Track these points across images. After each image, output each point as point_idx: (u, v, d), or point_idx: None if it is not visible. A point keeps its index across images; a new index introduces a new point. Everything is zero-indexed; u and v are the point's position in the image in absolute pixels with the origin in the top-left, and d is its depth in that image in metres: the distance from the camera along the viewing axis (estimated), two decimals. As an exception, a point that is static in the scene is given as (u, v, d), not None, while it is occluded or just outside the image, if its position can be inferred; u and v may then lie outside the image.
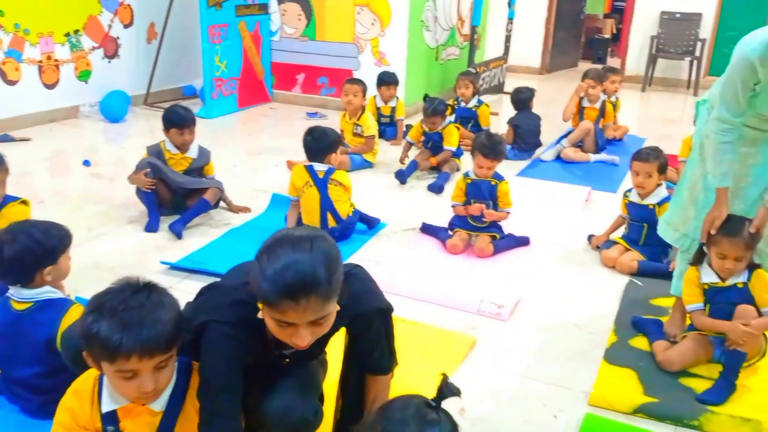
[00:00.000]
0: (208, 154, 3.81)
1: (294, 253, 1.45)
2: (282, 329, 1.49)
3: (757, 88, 2.23)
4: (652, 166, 3.31)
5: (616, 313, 2.87)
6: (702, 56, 8.78)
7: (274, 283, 1.42)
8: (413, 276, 3.15)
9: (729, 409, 2.19)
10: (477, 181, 3.49)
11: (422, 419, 1.34)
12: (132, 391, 1.49)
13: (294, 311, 1.44)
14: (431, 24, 6.67)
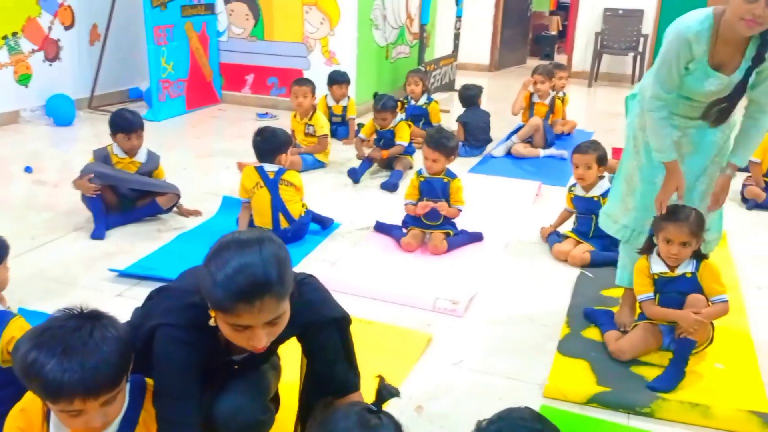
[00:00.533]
0: (157, 159, 3.73)
1: (243, 256, 1.43)
2: (238, 333, 1.47)
3: (690, 66, 2.31)
4: (591, 157, 3.38)
5: (568, 306, 2.91)
6: (645, 51, 9.01)
7: (226, 288, 1.40)
8: (368, 275, 3.15)
9: (679, 396, 2.25)
10: (430, 179, 3.50)
11: (365, 426, 1.34)
12: (79, 425, 1.42)
13: (249, 314, 1.42)
14: (380, 23, 6.67)
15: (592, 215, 3.42)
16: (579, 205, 3.49)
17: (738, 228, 3.92)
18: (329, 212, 3.76)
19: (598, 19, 9.27)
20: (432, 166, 3.47)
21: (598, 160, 3.38)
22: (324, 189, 4.38)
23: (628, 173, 2.65)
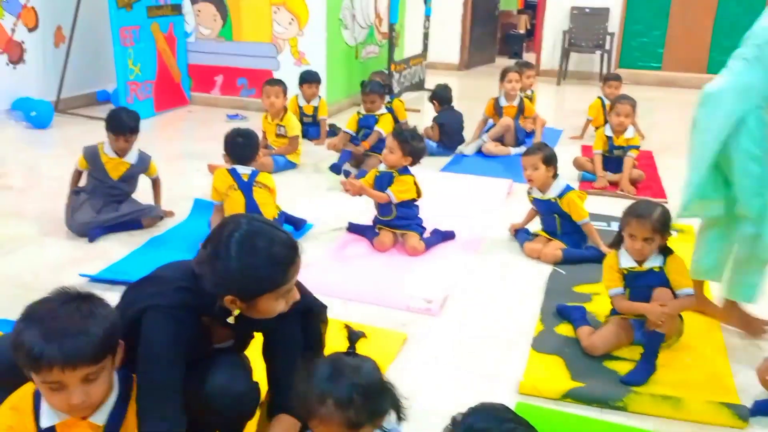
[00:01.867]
0: (147, 160, 3.70)
1: (264, 237, 1.62)
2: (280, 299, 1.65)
3: None
4: (536, 158, 3.40)
5: (541, 302, 2.95)
6: (612, 49, 9.14)
7: (275, 261, 1.60)
8: (342, 276, 3.15)
9: (650, 389, 2.29)
10: (383, 173, 3.50)
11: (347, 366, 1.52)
12: (61, 403, 1.44)
13: (295, 273, 1.66)
14: (349, 22, 6.66)
15: (554, 215, 3.46)
16: (539, 207, 3.53)
17: (704, 222, 3.99)
18: (302, 213, 3.75)
19: (566, 17, 9.37)
20: (387, 157, 3.46)
21: (544, 160, 3.40)
22: (296, 190, 4.36)
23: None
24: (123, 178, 3.61)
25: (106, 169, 3.57)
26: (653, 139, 5.96)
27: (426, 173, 4.72)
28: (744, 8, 8.99)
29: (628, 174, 4.52)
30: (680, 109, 7.74)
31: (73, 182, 3.64)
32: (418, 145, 3.44)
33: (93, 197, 3.55)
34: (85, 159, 3.60)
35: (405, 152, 3.42)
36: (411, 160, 3.45)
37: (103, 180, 3.57)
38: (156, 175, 3.77)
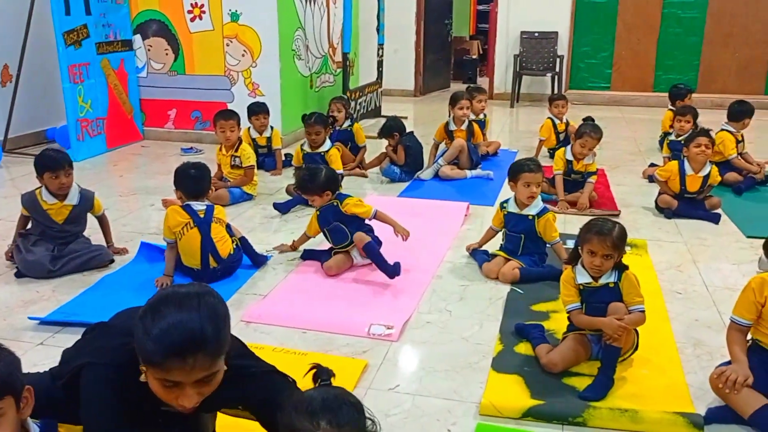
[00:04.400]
0: (91, 197, 3.59)
1: (180, 311, 1.41)
2: (167, 390, 1.43)
3: None
4: (542, 175, 3.50)
5: (500, 322, 2.96)
6: (562, 71, 9.37)
7: (159, 342, 1.38)
8: (300, 305, 3.12)
9: (609, 403, 2.31)
10: (326, 207, 3.53)
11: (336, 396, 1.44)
12: None
13: (181, 370, 1.39)
14: (303, 53, 6.70)
15: (521, 234, 3.49)
16: (511, 223, 3.53)
17: (657, 236, 4.08)
18: (259, 245, 3.72)
19: (516, 42, 9.59)
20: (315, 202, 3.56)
21: (544, 176, 3.48)
22: (253, 221, 4.33)
23: None
24: (68, 221, 3.49)
25: (49, 215, 3.44)
26: (605, 156, 6.08)
27: (385, 199, 4.77)
28: (684, 29, 9.35)
29: (587, 197, 4.57)
30: (629, 127, 7.97)
31: (20, 226, 3.54)
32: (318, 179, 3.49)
33: (43, 239, 3.46)
34: (25, 208, 3.48)
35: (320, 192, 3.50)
36: (330, 192, 3.52)
37: (49, 225, 3.46)
38: (101, 213, 3.66)
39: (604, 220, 2.56)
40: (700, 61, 9.39)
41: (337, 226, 3.49)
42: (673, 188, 4.46)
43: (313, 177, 3.50)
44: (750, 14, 9.11)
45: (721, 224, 4.31)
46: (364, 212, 3.52)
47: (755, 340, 2.33)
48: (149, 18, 6.46)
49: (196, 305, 1.42)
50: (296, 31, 6.54)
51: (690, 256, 3.77)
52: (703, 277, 3.47)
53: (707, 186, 4.45)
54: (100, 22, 6.08)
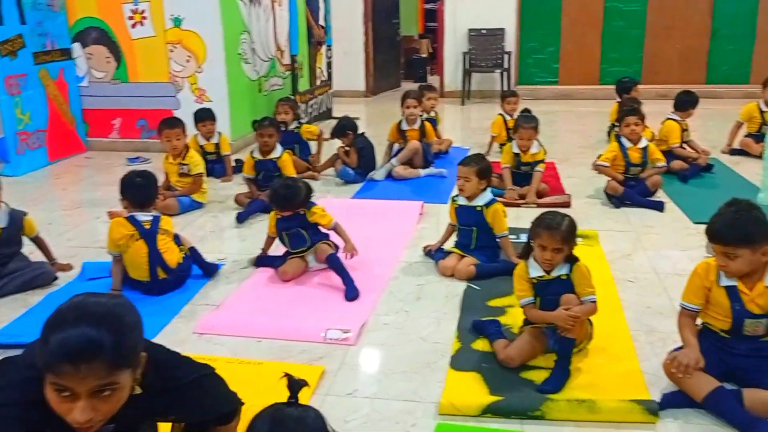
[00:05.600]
0: (20, 217, 3.40)
1: (81, 318, 1.36)
2: (61, 401, 1.34)
3: None
4: (471, 170, 3.44)
5: (457, 320, 2.95)
6: (510, 68, 9.46)
7: (55, 345, 1.32)
8: (255, 314, 3.05)
9: (566, 394, 2.31)
10: (287, 216, 3.45)
11: (291, 418, 1.45)
12: None
13: (73, 377, 1.32)
14: (249, 56, 6.61)
15: (473, 227, 3.49)
16: (461, 216, 3.54)
17: (608, 226, 4.14)
18: (211, 253, 3.64)
19: (464, 39, 9.65)
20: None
21: (478, 174, 3.44)
22: (204, 230, 4.24)
23: None
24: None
25: None
26: (555, 150, 6.16)
27: (339, 201, 4.73)
28: (626, 22, 9.54)
29: (536, 186, 4.63)
30: (578, 120, 8.09)
31: None
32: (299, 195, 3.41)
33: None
34: None
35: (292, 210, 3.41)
36: (304, 208, 3.44)
37: None
38: (36, 234, 3.48)
39: (553, 214, 2.57)
40: (643, 54, 9.60)
41: (297, 232, 3.44)
42: (619, 167, 4.61)
43: (294, 196, 3.38)
44: (689, 6, 9.35)
45: (668, 211, 4.40)
46: (326, 223, 3.47)
47: (705, 324, 2.37)
48: (88, 25, 6.28)
49: (101, 313, 1.38)
50: (242, 34, 6.45)
51: (640, 244, 3.83)
52: (653, 264, 3.53)
53: (650, 161, 4.62)
54: (36, 31, 5.88)
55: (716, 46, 9.43)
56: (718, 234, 2.22)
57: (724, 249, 2.20)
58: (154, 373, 1.52)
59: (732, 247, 2.18)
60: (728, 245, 2.18)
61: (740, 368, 2.27)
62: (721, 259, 2.22)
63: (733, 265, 2.20)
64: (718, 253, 2.24)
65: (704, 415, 2.20)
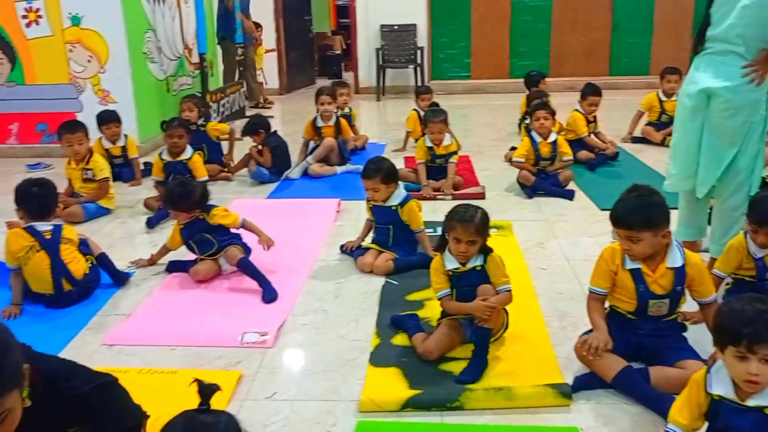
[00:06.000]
0: None
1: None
2: None
3: None
4: (375, 181, 3.40)
5: (376, 316, 2.94)
6: (423, 63, 9.55)
7: None
8: (168, 321, 2.95)
9: (484, 383, 2.35)
10: (190, 222, 3.35)
11: (203, 426, 1.42)
12: None
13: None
14: (155, 55, 6.39)
15: (389, 225, 3.50)
16: (377, 215, 3.55)
17: (521, 216, 4.24)
18: (121, 261, 3.49)
19: (377, 35, 9.68)
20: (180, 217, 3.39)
21: (383, 181, 3.41)
22: (112, 237, 4.07)
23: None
24: None
25: None
26: (469, 143, 6.26)
27: (254, 202, 4.64)
28: (533, 17, 9.81)
29: (452, 178, 4.69)
30: (490, 114, 8.26)
31: None
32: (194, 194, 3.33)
33: None
34: None
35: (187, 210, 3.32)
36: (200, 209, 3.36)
37: None
38: None
39: (466, 207, 2.59)
40: (550, 47, 9.90)
41: (202, 237, 3.34)
42: (530, 160, 4.73)
43: (187, 194, 3.29)
44: (592, 0, 9.70)
45: (577, 200, 4.55)
46: (232, 222, 3.39)
47: (612, 306, 2.45)
48: (-22, 25, 5.92)
49: None
50: (146, 32, 6.22)
51: (551, 233, 3.93)
52: (565, 251, 3.64)
53: (558, 154, 4.75)
54: None
55: (617, 40, 9.84)
56: (622, 219, 2.30)
57: (627, 233, 2.29)
58: (46, 385, 1.44)
59: (635, 231, 2.26)
60: (631, 229, 2.27)
61: (646, 347, 2.37)
62: (625, 242, 2.31)
63: (637, 248, 2.29)
64: (623, 238, 2.32)
65: (614, 394, 2.28)
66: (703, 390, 1.77)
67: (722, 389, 1.74)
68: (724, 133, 3.04)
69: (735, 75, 2.96)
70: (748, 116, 3.01)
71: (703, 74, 3.05)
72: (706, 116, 3.08)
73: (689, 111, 3.12)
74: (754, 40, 2.91)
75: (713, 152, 3.09)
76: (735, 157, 3.06)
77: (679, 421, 1.81)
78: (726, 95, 2.98)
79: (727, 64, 2.98)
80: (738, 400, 1.72)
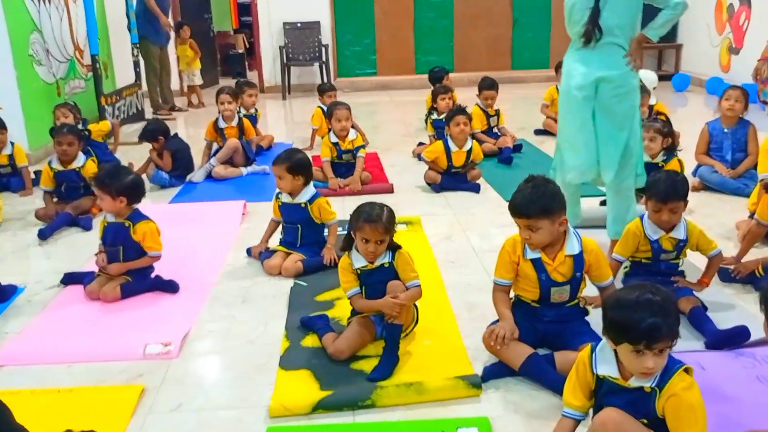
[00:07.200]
0: None
1: None
2: None
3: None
4: (281, 168, 3.36)
5: (285, 318, 2.88)
6: (329, 60, 9.50)
7: None
8: (64, 338, 2.78)
9: (395, 380, 2.34)
10: (113, 224, 3.18)
11: None
12: None
13: None
14: (43, 57, 6.04)
15: (297, 224, 3.44)
16: (285, 213, 3.48)
17: (430, 211, 4.27)
18: (10, 277, 3.28)
19: (280, 33, 9.54)
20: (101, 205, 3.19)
21: (288, 170, 3.37)
22: (2, 250, 3.82)
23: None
24: None
25: None
26: (378, 140, 6.28)
27: (156, 207, 4.45)
28: (436, 13, 9.96)
29: (359, 173, 4.68)
30: (398, 110, 8.32)
31: None
32: (123, 179, 3.12)
33: None
34: None
35: (114, 195, 3.10)
36: (126, 200, 3.16)
37: None
38: None
39: (371, 206, 2.57)
40: (453, 43, 10.07)
41: (115, 250, 3.14)
42: (441, 165, 4.72)
43: (117, 174, 3.10)
44: (492, -4, 9.93)
45: (484, 192, 4.63)
46: (154, 247, 3.18)
47: (517, 296, 2.50)
48: None
49: None
50: (32, 33, 5.87)
51: (460, 226, 3.99)
52: (472, 243, 3.69)
53: (470, 162, 4.76)
54: None
55: (518, 34, 10.13)
56: (520, 208, 2.35)
57: (527, 222, 2.33)
58: None
59: (534, 220, 2.31)
60: (530, 218, 2.32)
61: (550, 333, 2.43)
62: (525, 232, 2.36)
63: (536, 237, 2.34)
64: (522, 228, 2.37)
65: (523, 381, 2.33)
66: (589, 369, 1.83)
67: (607, 369, 1.80)
68: (616, 118, 3.21)
69: (620, 63, 3.17)
70: (633, 100, 3.24)
71: (588, 66, 3.19)
72: (596, 105, 3.21)
73: (581, 102, 3.23)
74: (627, 30, 3.15)
75: (609, 137, 3.23)
76: (627, 139, 3.23)
77: (573, 404, 1.86)
78: (617, 81, 3.16)
79: (611, 54, 3.16)
80: (621, 381, 1.78)
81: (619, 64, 3.16)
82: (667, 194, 2.66)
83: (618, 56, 3.16)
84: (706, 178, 4.46)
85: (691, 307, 2.64)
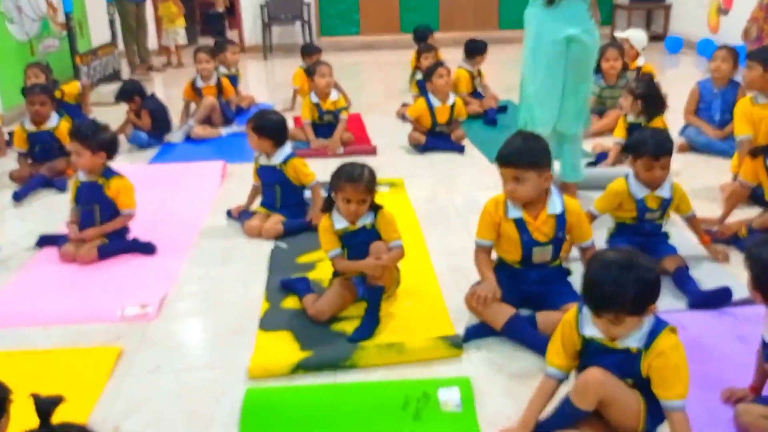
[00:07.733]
0: None
1: None
2: None
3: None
4: (248, 127, 3.38)
5: (265, 280, 2.85)
6: (311, 19, 9.30)
7: None
8: (40, 300, 2.74)
9: (377, 340, 2.32)
10: (86, 183, 3.11)
11: None
12: None
13: None
14: (15, 15, 5.84)
15: (275, 186, 3.39)
16: (263, 175, 3.43)
17: (414, 172, 4.22)
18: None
19: (261, -9, 9.31)
20: (79, 162, 3.08)
21: (254, 130, 3.34)
22: (-25, 213, 3.74)
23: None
24: None
25: None
26: (360, 100, 6.18)
27: (134, 168, 4.37)
28: (422, -31, 9.74)
29: (340, 134, 4.61)
30: (381, 70, 8.18)
31: None
32: (103, 135, 3.07)
33: None
34: None
35: (94, 149, 3.03)
36: (106, 155, 3.08)
37: None
38: None
39: (353, 166, 2.52)
40: (439, 1, 9.88)
41: (89, 210, 3.08)
42: (425, 124, 4.66)
43: (96, 129, 3.05)
44: (479, -46, 9.73)
45: (468, 154, 4.58)
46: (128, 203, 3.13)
47: (500, 257, 2.47)
48: None
49: None
50: (2, -11, 5.68)
51: (443, 188, 3.95)
52: (456, 205, 3.66)
53: (454, 120, 4.70)
54: None
55: (505, -6, 9.95)
56: (509, 157, 2.32)
57: (514, 173, 2.29)
58: None
59: (521, 170, 2.28)
60: (518, 167, 2.28)
61: (533, 294, 2.42)
62: (510, 184, 2.32)
63: (522, 189, 2.30)
64: (508, 179, 2.33)
65: (504, 341, 2.32)
66: (575, 330, 1.81)
67: (593, 330, 1.78)
68: (581, 71, 3.30)
69: (585, 18, 3.25)
70: (595, 53, 3.41)
71: (557, 23, 3.22)
72: (567, 59, 3.25)
73: (556, 57, 3.25)
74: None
75: (573, 89, 3.31)
76: (586, 90, 3.39)
77: (557, 363, 1.85)
78: (586, 38, 3.23)
79: (577, 11, 3.23)
80: (608, 342, 1.77)
81: (585, 20, 3.24)
82: (658, 150, 2.64)
83: (583, 11, 3.23)
84: (693, 138, 4.44)
85: (675, 267, 2.64)
